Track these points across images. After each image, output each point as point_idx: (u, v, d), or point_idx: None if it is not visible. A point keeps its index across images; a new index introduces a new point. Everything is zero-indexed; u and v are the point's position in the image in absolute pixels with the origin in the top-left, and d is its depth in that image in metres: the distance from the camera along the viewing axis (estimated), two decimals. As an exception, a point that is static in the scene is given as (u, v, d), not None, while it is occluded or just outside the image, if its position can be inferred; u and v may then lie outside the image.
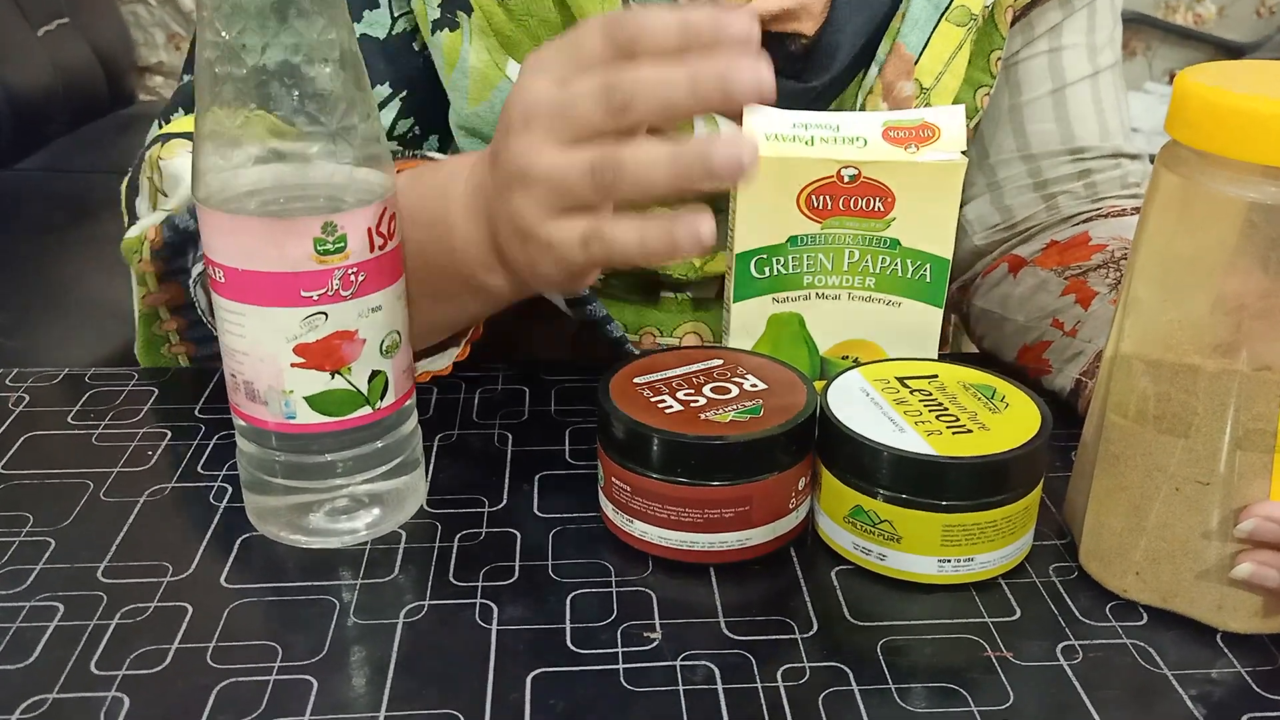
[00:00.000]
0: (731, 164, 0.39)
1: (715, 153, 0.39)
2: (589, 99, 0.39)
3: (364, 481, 0.48)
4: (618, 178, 0.40)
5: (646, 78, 0.38)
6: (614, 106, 0.39)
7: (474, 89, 0.57)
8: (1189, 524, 0.44)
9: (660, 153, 0.39)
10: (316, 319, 0.44)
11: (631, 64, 0.39)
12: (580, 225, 0.41)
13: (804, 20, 0.59)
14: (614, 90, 0.39)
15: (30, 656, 0.42)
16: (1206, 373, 0.42)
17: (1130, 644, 0.44)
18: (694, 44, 0.38)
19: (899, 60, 0.60)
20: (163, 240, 0.55)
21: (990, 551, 0.46)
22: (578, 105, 0.40)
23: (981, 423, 0.47)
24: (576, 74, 0.40)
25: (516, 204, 0.43)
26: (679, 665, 0.42)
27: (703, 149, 0.39)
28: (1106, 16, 0.68)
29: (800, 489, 0.48)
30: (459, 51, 0.56)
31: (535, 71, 0.42)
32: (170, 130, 0.60)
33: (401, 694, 0.40)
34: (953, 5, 0.60)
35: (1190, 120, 0.41)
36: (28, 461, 0.54)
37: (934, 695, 0.41)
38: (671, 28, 0.38)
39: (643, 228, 0.41)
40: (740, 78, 0.38)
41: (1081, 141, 0.68)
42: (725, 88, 0.38)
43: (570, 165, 0.40)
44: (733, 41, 0.38)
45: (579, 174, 0.40)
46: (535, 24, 0.56)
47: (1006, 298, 0.66)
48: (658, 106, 0.39)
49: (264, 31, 0.41)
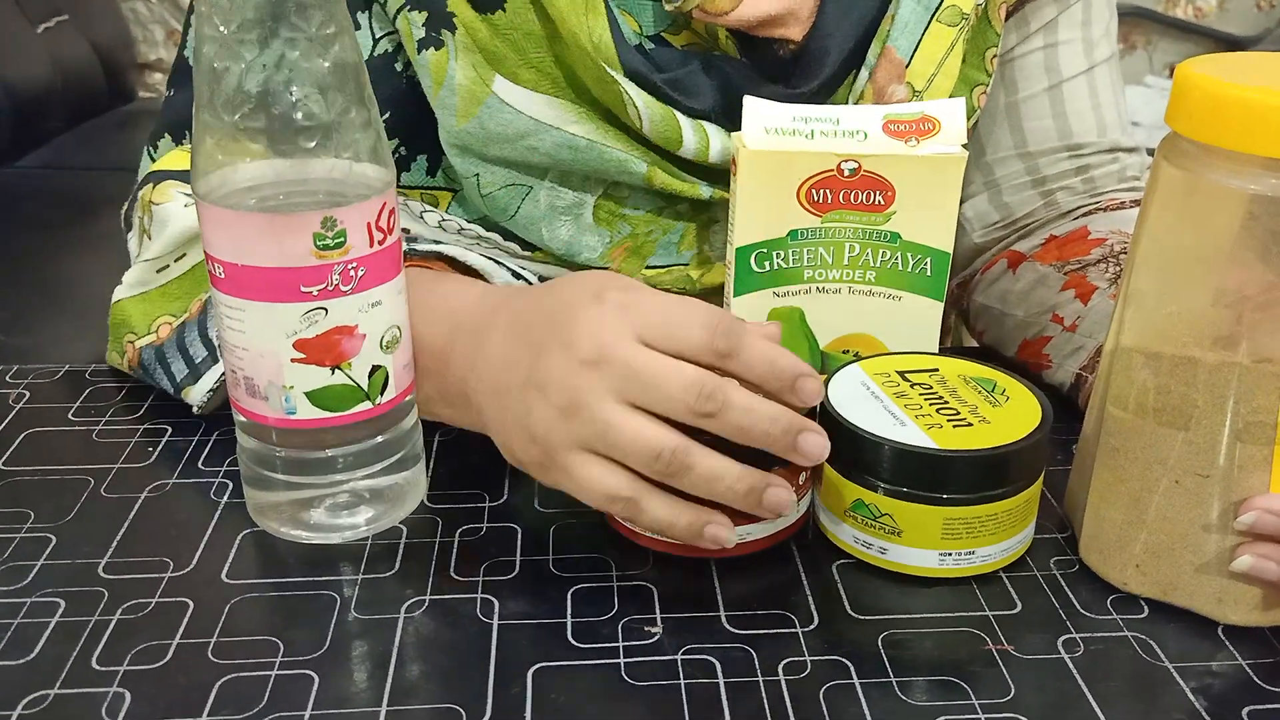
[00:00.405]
0: (782, 509, 0.43)
1: (775, 501, 0.43)
2: (681, 387, 0.41)
3: (365, 477, 0.48)
4: (680, 474, 0.42)
5: (738, 402, 0.41)
6: (700, 410, 0.41)
7: (462, 106, 0.57)
8: (1189, 517, 0.44)
9: (730, 471, 0.42)
10: (316, 314, 0.44)
11: (726, 378, 0.42)
12: (613, 480, 0.42)
13: (791, 26, 0.58)
14: (708, 398, 0.41)
15: (31, 652, 0.42)
16: (1207, 365, 0.42)
17: (1131, 636, 0.44)
18: (771, 384, 0.43)
19: (889, 64, 0.59)
20: (139, 363, 0.57)
21: (991, 545, 0.46)
22: (668, 386, 0.41)
23: (982, 416, 0.46)
24: (669, 348, 0.42)
25: (542, 418, 0.43)
26: (680, 659, 0.42)
27: (768, 499, 0.43)
28: (1102, 8, 0.68)
29: (801, 483, 0.48)
30: (446, 70, 0.56)
31: (612, 308, 0.43)
32: (161, 167, 0.59)
33: (403, 688, 0.40)
34: (943, 6, 0.60)
35: (1191, 112, 0.41)
36: (29, 458, 0.54)
37: (935, 688, 0.41)
38: (762, 365, 0.42)
39: (675, 516, 0.43)
40: (811, 449, 0.42)
41: (1079, 138, 0.67)
42: (796, 445, 0.42)
43: (636, 436, 0.41)
44: (798, 401, 0.43)
45: (643, 449, 0.41)
46: (520, 37, 0.56)
47: (1006, 293, 0.66)
48: (734, 429, 0.42)
49: (263, 26, 0.41)
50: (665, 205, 0.62)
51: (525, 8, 0.56)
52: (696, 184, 0.60)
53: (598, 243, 0.61)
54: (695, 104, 0.58)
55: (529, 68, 0.57)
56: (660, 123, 0.57)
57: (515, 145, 0.57)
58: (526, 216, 0.60)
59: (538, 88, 0.57)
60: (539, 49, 0.57)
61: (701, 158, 0.59)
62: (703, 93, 0.59)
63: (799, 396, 0.43)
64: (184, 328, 0.56)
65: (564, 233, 0.61)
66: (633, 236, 0.62)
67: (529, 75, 0.57)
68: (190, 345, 0.56)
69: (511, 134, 0.57)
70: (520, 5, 0.56)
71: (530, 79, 0.57)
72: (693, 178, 0.60)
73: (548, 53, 0.57)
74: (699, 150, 0.58)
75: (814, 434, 0.43)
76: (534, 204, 0.60)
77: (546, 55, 0.57)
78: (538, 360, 0.43)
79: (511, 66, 0.57)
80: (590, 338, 0.42)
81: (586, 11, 0.56)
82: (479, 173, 0.59)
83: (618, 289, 0.44)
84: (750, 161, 0.52)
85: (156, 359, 0.57)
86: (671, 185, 0.59)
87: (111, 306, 0.59)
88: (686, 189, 0.59)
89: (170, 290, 0.58)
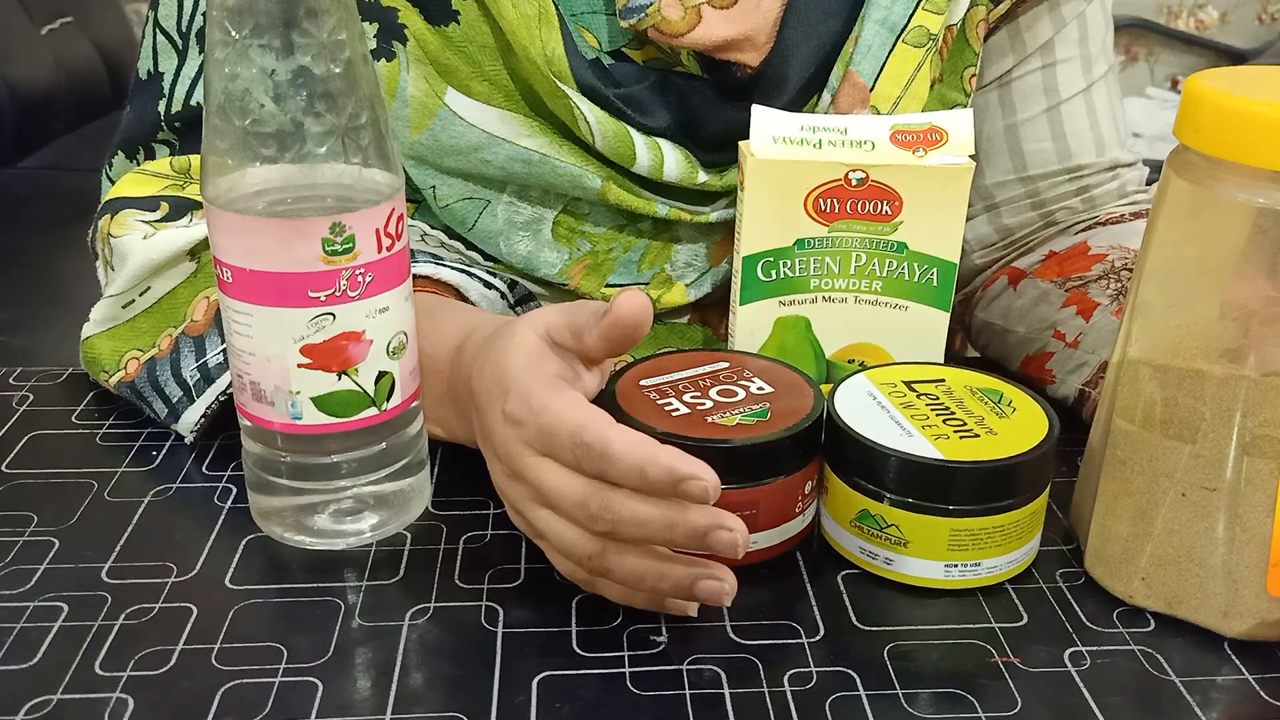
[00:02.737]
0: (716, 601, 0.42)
1: (707, 592, 0.41)
2: (572, 505, 0.41)
3: (369, 483, 0.48)
4: (604, 576, 0.42)
5: (627, 516, 0.40)
6: (594, 529, 0.41)
7: (414, 118, 0.57)
8: (1196, 530, 0.43)
9: (651, 572, 0.41)
10: (324, 320, 0.44)
11: (611, 490, 0.40)
12: (587, 543, 0.42)
13: (747, 51, 0.57)
14: (595, 519, 0.40)
15: (34, 657, 0.42)
16: (1214, 378, 0.42)
17: (1137, 650, 0.43)
18: (655, 491, 0.39)
19: (852, 88, 0.58)
20: (132, 382, 0.56)
21: (997, 556, 0.46)
22: (563, 504, 0.41)
23: (989, 427, 0.46)
24: (560, 460, 0.41)
25: (498, 481, 0.45)
26: (685, 669, 0.42)
27: (699, 591, 0.41)
28: (1099, 20, 0.67)
29: (806, 493, 0.47)
30: (398, 81, 0.56)
31: (510, 423, 0.42)
32: (118, 194, 0.58)
33: (407, 697, 0.40)
34: (909, 27, 0.58)
35: (1200, 125, 0.41)
36: (32, 461, 0.54)
37: (941, 701, 0.41)
38: (634, 479, 0.39)
39: (641, 579, 0.42)
40: (720, 546, 0.40)
41: (1079, 159, 0.67)
42: (706, 542, 0.40)
43: (559, 543, 0.42)
44: (691, 499, 0.39)
45: (566, 554, 0.42)
46: (475, 50, 0.56)
47: (1008, 310, 0.66)
48: (632, 540, 0.41)
49: (274, 30, 0.41)
50: (626, 223, 0.61)
51: (479, 20, 0.55)
52: (653, 201, 0.59)
53: (556, 259, 0.61)
54: (649, 121, 0.58)
55: (482, 80, 0.56)
56: (613, 138, 0.57)
57: (469, 158, 0.57)
58: (484, 230, 0.60)
59: (490, 100, 0.57)
60: (494, 62, 0.56)
61: (656, 174, 0.58)
62: (658, 110, 0.58)
63: (688, 500, 0.39)
64: (153, 365, 0.55)
65: (522, 248, 0.60)
66: (593, 254, 0.61)
67: (481, 88, 0.57)
68: (165, 385, 0.55)
69: (464, 146, 0.57)
70: (475, 18, 0.55)
71: (483, 92, 0.57)
72: (650, 194, 0.59)
73: (503, 65, 0.56)
74: (653, 167, 0.58)
75: (724, 530, 0.39)
76: (491, 218, 0.60)
77: (501, 68, 0.56)
78: (484, 436, 0.45)
79: (464, 79, 0.56)
80: (503, 447, 0.43)
81: (540, 25, 0.55)
82: (435, 185, 0.59)
83: (515, 394, 0.42)
84: (758, 170, 0.52)
85: (135, 396, 0.56)
86: (627, 201, 0.59)
87: (82, 344, 0.58)
88: (642, 205, 0.59)
89: (138, 324, 0.57)
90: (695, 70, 0.59)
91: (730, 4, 0.56)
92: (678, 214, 0.60)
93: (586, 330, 0.43)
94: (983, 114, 0.67)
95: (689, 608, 0.44)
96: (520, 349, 0.43)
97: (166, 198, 0.57)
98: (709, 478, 0.38)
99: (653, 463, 0.39)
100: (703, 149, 0.60)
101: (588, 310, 0.44)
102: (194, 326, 0.54)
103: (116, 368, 0.57)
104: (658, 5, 0.54)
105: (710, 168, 0.60)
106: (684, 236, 0.62)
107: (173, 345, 0.55)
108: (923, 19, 0.58)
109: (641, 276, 0.62)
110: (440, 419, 0.51)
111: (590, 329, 0.43)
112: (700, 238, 0.62)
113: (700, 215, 0.60)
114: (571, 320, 0.44)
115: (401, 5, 0.56)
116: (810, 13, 0.58)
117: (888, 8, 0.58)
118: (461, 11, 0.55)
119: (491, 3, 0.54)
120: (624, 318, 0.42)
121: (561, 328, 0.44)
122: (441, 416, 0.51)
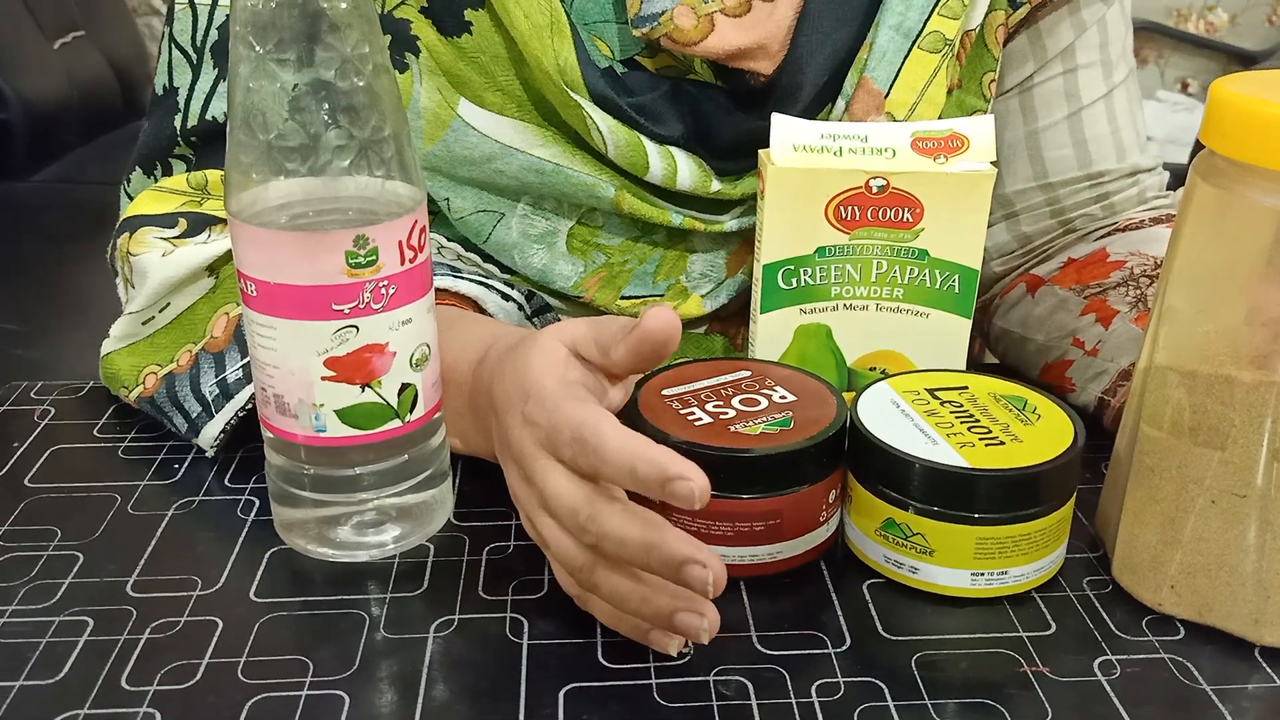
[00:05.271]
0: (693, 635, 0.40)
1: (684, 625, 0.40)
2: (564, 513, 0.41)
3: (392, 495, 0.47)
4: (592, 589, 0.42)
5: (610, 532, 0.39)
6: (582, 541, 0.41)
7: (428, 129, 0.57)
8: (1226, 537, 0.43)
9: (633, 595, 0.40)
10: (347, 332, 0.44)
11: (604, 502, 0.40)
12: (579, 555, 0.41)
13: (760, 59, 0.56)
14: (583, 531, 0.40)
15: (61, 672, 0.42)
16: (1243, 384, 0.42)
17: (1167, 659, 0.43)
18: (644, 489, 0.39)
19: (867, 94, 0.58)
20: (152, 397, 0.56)
21: (1024, 565, 0.45)
22: (558, 511, 0.41)
23: (1014, 435, 0.46)
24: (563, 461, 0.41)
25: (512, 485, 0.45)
26: (712, 680, 0.42)
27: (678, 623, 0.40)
28: (1119, 24, 0.66)
29: (830, 501, 0.47)
30: (410, 93, 0.56)
31: (526, 424, 0.42)
32: (136, 211, 0.58)
33: (433, 710, 0.40)
34: (924, 33, 0.58)
35: (1226, 130, 0.41)
36: (54, 475, 0.54)
37: (970, 711, 0.40)
38: (623, 477, 0.39)
39: (625, 599, 0.41)
40: (693, 580, 0.38)
41: (1099, 166, 0.66)
42: (679, 576, 0.38)
43: (554, 547, 0.42)
44: (677, 500, 0.38)
45: (559, 561, 0.42)
46: (488, 60, 0.56)
47: (1026, 317, 0.65)
48: (615, 558, 0.40)
49: (297, 45, 0.41)
50: (641, 234, 0.61)
51: (492, 31, 0.55)
52: (667, 210, 0.59)
53: (571, 271, 0.61)
54: (662, 130, 0.58)
55: (495, 90, 0.56)
56: (625, 147, 0.56)
57: (482, 168, 0.57)
58: (499, 242, 0.60)
59: (503, 111, 0.57)
60: (506, 72, 0.56)
61: (669, 183, 0.58)
62: (671, 119, 0.58)
63: (674, 501, 0.38)
64: (172, 380, 0.55)
65: (537, 260, 0.60)
66: (608, 266, 0.61)
67: (494, 98, 0.57)
68: (184, 400, 0.55)
69: (478, 157, 0.57)
70: (487, 28, 0.55)
71: (496, 102, 0.57)
72: (664, 203, 0.59)
73: (515, 76, 0.56)
74: (666, 176, 0.58)
75: (697, 565, 0.38)
76: (506, 230, 0.60)
77: (514, 78, 0.56)
78: (502, 442, 0.45)
79: (476, 89, 0.56)
80: (518, 448, 0.43)
81: (552, 34, 0.55)
82: (449, 196, 0.59)
83: (535, 398, 0.42)
84: (778, 178, 0.52)
85: (155, 411, 0.56)
86: (640, 210, 0.58)
87: (101, 360, 0.59)
88: (656, 215, 0.59)
89: (157, 340, 0.57)
90: (708, 78, 0.59)
91: (743, 12, 0.56)
92: (692, 223, 0.60)
93: (613, 345, 0.43)
94: (1003, 120, 0.67)
95: (670, 645, 0.41)
96: (545, 356, 0.43)
97: (184, 214, 0.57)
98: (698, 479, 0.37)
99: (643, 459, 0.38)
100: (716, 157, 0.60)
101: (615, 325, 0.44)
102: (214, 343, 0.54)
103: (136, 383, 0.57)
104: (670, 14, 0.54)
105: (724, 176, 0.60)
106: (699, 246, 0.62)
107: (192, 361, 0.55)
108: (938, 24, 0.58)
109: (657, 288, 0.62)
110: (460, 431, 0.51)
111: (617, 344, 0.43)
112: (715, 247, 0.62)
113: (715, 224, 0.60)
114: (599, 334, 0.44)
115: (414, 17, 0.56)
116: (824, 20, 0.58)
117: (902, 14, 0.58)
118: (474, 22, 0.55)
119: (503, 13, 0.54)
120: (653, 333, 0.42)
121: (588, 341, 0.44)
122: (461, 429, 0.51)
